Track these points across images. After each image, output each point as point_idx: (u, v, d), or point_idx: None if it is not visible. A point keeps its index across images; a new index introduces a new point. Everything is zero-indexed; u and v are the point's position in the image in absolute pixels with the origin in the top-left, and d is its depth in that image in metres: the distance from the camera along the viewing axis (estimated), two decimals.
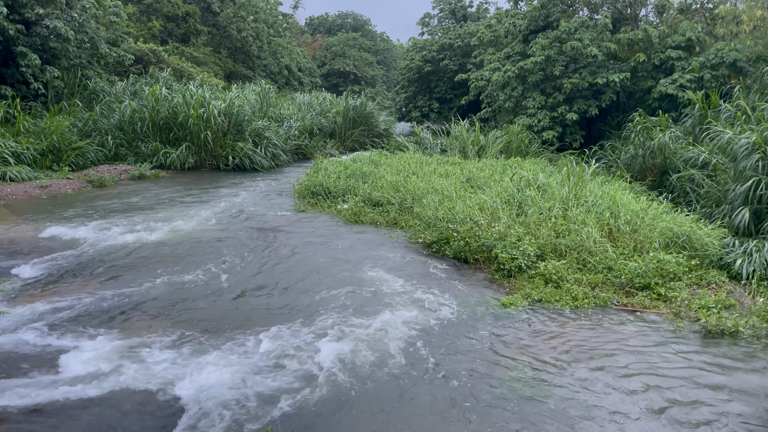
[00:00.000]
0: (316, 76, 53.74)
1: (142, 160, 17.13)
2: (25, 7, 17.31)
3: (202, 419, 4.63)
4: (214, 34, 37.88)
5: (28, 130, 15.58)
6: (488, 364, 5.64)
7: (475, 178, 12.67)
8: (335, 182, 13.43)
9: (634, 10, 21.33)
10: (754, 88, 13.93)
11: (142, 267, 8.32)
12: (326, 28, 75.54)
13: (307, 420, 4.69)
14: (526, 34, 22.22)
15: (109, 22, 21.54)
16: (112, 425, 4.56)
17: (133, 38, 28.31)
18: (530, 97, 20.51)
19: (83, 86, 19.68)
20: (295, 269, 8.45)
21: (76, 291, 7.27)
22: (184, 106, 17.86)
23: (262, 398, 4.94)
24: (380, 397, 5.03)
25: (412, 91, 38.65)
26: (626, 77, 18.54)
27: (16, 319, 6.36)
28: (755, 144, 9.32)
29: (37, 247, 9.13)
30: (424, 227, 9.94)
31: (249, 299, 7.26)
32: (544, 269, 7.79)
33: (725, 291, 7.38)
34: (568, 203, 9.72)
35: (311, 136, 22.99)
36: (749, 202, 8.90)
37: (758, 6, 16.46)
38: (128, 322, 6.43)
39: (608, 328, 6.49)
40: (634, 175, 13.52)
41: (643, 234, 8.49)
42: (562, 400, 5.01)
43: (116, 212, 11.67)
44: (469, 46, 34.44)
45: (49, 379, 5.15)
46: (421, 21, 46.23)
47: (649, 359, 5.76)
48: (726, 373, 5.51)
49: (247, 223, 11.14)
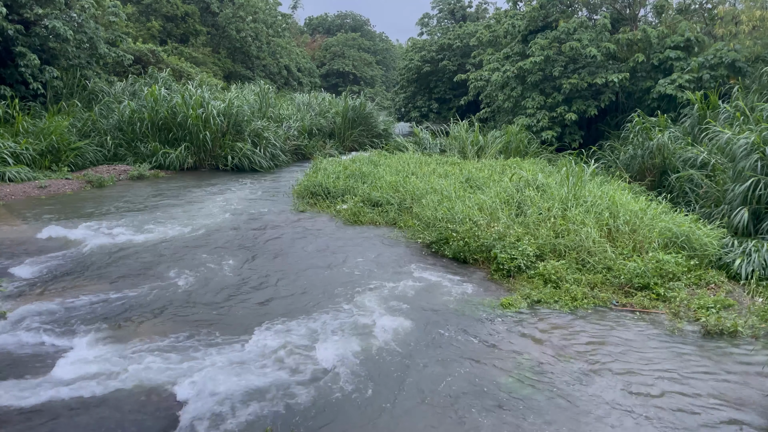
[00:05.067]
0: (316, 76, 53.69)
1: (141, 161, 17.13)
2: (24, 7, 17.30)
3: (201, 419, 4.62)
4: (213, 34, 37.86)
5: (27, 131, 15.56)
6: (488, 364, 5.64)
7: (474, 178, 12.68)
8: (334, 182, 13.43)
9: (633, 11, 21.35)
10: (752, 89, 13.94)
11: (141, 267, 8.32)
12: (325, 29, 75.50)
13: (307, 419, 4.69)
14: (525, 34, 22.24)
15: (108, 22, 21.52)
16: (111, 426, 4.56)
17: (132, 38, 28.26)
18: (529, 98, 20.53)
19: (82, 86, 19.66)
20: (293, 269, 8.45)
21: (75, 291, 7.26)
22: (183, 107, 17.86)
23: (261, 398, 4.94)
24: (377, 396, 5.04)
25: (411, 92, 38.69)
26: (625, 77, 18.55)
27: (15, 319, 6.35)
28: (754, 144, 9.33)
29: (35, 247, 9.12)
30: (424, 227, 9.94)
31: (248, 299, 7.26)
32: (543, 269, 7.80)
33: (724, 291, 7.39)
34: (567, 203, 9.72)
35: (310, 137, 22.99)
36: (748, 202, 8.91)
37: (757, 6, 16.48)
38: (127, 322, 6.42)
39: (607, 328, 6.49)
40: (633, 175, 13.53)
41: (642, 234, 8.49)
42: (561, 399, 5.01)
43: (115, 212, 11.66)
44: (468, 46, 34.49)
45: (48, 379, 5.15)
46: (420, 21, 46.25)
47: (649, 359, 5.77)
48: (725, 372, 5.52)
49: (246, 224, 11.14)
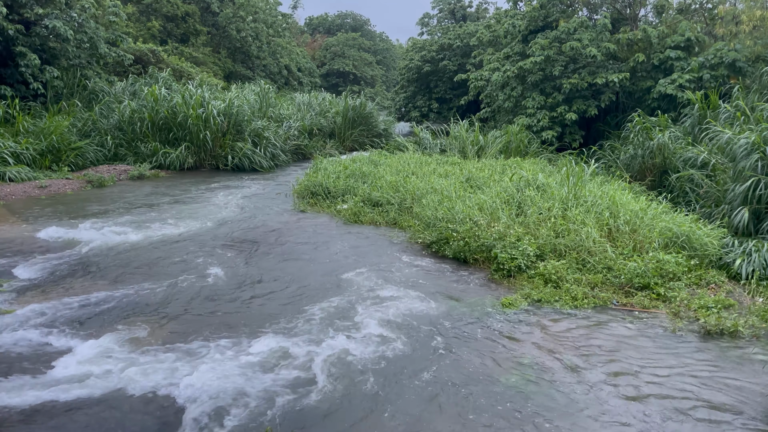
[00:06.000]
0: (316, 76, 53.71)
1: (141, 160, 17.14)
2: (24, 7, 17.31)
3: (201, 419, 4.62)
4: (214, 34, 37.87)
5: (27, 130, 15.57)
6: (487, 364, 5.64)
7: (475, 178, 12.67)
8: (335, 182, 13.43)
9: (634, 11, 21.34)
10: (753, 88, 13.93)
11: (140, 267, 8.32)
12: (326, 28, 75.51)
13: (307, 419, 4.69)
14: (526, 34, 22.24)
15: (108, 22, 21.52)
16: (112, 426, 4.56)
17: (133, 38, 28.28)
18: (529, 97, 20.51)
19: (82, 86, 19.67)
20: (293, 269, 8.45)
21: (75, 291, 7.27)
22: (184, 106, 17.86)
23: (261, 398, 4.94)
24: (378, 396, 5.03)
25: (412, 91, 38.69)
26: (625, 77, 18.54)
27: (15, 318, 6.35)
28: (754, 144, 9.32)
29: (36, 247, 9.12)
30: (424, 227, 9.94)
31: (248, 300, 7.26)
32: (543, 269, 7.80)
33: (724, 291, 7.39)
34: (568, 203, 9.72)
35: (311, 137, 22.99)
36: (748, 202, 8.90)
37: (758, 6, 16.47)
38: (127, 322, 6.43)
39: (608, 328, 6.49)
40: (633, 175, 13.52)
41: (642, 234, 8.49)
42: (561, 399, 5.01)
43: (115, 212, 11.66)
44: (468, 46, 34.49)
45: (48, 379, 5.15)
46: (421, 21, 46.28)
47: (649, 359, 5.77)
48: (725, 372, 5.52)
49: (246, 224, 11.14)
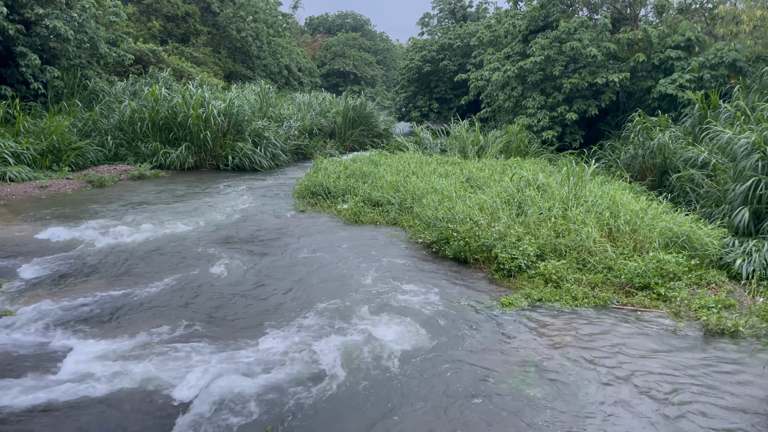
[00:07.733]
0: (316, 76, 53.73)
1: (141, 160, 17.14)
2: (24, 7, 17.31)
3: (201, 419, 4.63)
4: (214, 34, 37.88)
5: (27, 130, 15.58)
6: (488, 363, 5.64)
7: (475, 178, 12.68)
8: (335, 182, 13.43)
9: (634, 10, 21.34)
10: (753, 88, 13.92)
11: (141, 267, 8.33)
12: (326, 28, 75.53)
13: (308, 420, 4.69)
14: (526, 34, 22.23)
15: (108, 22, 21.53)
16: (113, 425, 4.57)
17: (133, 38, 28.30)
18: (530, 97, 20.51)
19: (83, 86, 19.68)
20: (294, 269, 8.45)
21: (76, 291, 7.28)
22: (184, 106, 17.87)
23: (262, 398, 4.95)
24: (378, 396, 5.04)
25: (412, 91, 38.65)
26: (626, 77, 18.54)
27: (16, 318, 6.36)
28: (755, 144, 9.32)
29: (36, 247, 9.13)
30: (424, 227, 9.94)
31: (249, 299, 7.26)
32: (543, 269, 7.80)
33: (725, 291, 7.39)
34: (568, 203, 9.72)
35: (311, 136, 22.99)
36: (749, 202, 8.90)
37: (758, 6, 16.46)
38: (128, 322, 6.43)
39: (608, 328, 6.49)
40: (633, 175, 13.52)
41: (642, 234, 8.49)
42: (562, 398, 5.02)
43: (116, 212, 11.67)
44: (468, 46, 34.46)
45: (49, 378, 5.16)
46: (421, 21, 46.20)
47: (649, 358, 5.77)
48: (725, 372, 5.52)
49: (246, 224, 11.14)
